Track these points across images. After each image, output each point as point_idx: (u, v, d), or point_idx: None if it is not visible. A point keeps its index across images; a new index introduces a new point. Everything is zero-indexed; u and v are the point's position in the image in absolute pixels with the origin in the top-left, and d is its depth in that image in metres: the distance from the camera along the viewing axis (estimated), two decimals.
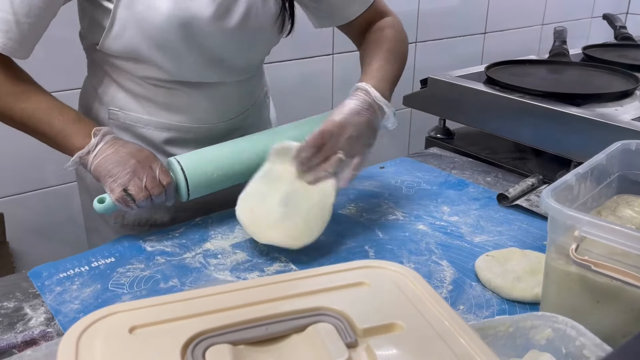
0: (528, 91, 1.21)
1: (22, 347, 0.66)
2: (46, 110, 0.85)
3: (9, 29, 0.80)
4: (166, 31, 0.84)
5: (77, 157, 0.84)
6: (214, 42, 0.89)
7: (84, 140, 0.84)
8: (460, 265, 0.84)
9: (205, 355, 0.43)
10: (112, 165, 0.83)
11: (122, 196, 0.83)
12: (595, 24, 2.71)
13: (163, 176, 0.86)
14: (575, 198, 0.70)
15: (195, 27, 0.86)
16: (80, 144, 0.84)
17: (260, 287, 0.51)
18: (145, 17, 0.84)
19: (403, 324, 0.47)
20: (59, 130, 0.85)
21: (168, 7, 0.83)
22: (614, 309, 0.61)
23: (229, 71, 0.96)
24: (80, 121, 0.87)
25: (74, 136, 0.85)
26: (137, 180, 0.83)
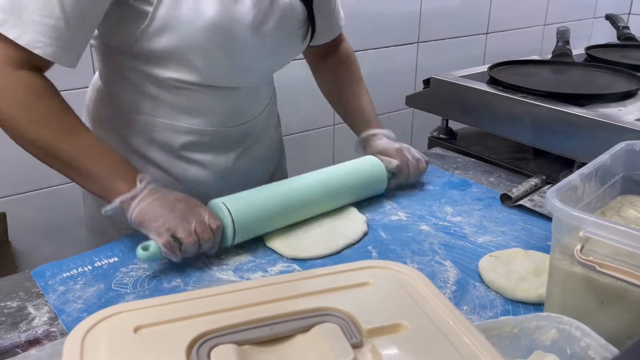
0: (531, 91, 1.21)
1: (26, 347, 0.66)
2: (93, 149, 0.82)
3: (59, 36, 0.77)
4: (207, 35, 0.84)
5: (119, 201, 0.80)
6: (250, 47, 0.90)
7: (129, 185, 0.81)
8: (463, 265, 0.84)
9: (210, 355, 0.43)
10: (158, 209, 0.80)
11: (169, 241, 0.79)
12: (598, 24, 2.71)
13: (212, 220, 0.82)
14: (580, 198, 0.70)
15: (236, 32, 0.86)
16: (124, 189, 0.81)
17: (265, 287, 0.51)
18: (189, 20, 0.83)
19: (408, 324, 0.47)
20: (103, 173, 0.82)
21: (213, 12, 0.83)
22: (619, 310, 0.61)
23: (255, 76, 0.98)
24: (125, 165, 0.84)
25: (119, 180, 0.81)
26: (186, 224, 0.80)
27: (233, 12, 0.85)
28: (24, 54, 0.77)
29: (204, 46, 0.85)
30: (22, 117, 0.78)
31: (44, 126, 0.80)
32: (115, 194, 0.81)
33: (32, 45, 0.76)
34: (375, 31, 2.01)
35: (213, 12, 0.83)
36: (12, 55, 0.77)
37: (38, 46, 0.76)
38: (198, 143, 0.97)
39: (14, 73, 0.78)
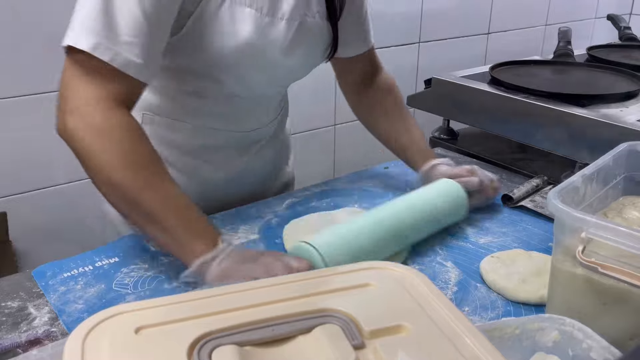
0: (532, 92, 1.21)
1: (26, 347, 0.66)
2: (177, 203, 0.75)
3: (148, 54, 0.74)
4: (240, 55, 0.84)
5: (200, 262, 0.72)
6: (278, 66, 0.91)
7: (208, 247, 0.73)
8: (465, 266, 0.83)
9: (211, 356, 0.43)
10: (240, 264, 0.73)
11: None
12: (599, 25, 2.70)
13: (298, 263, 0.71)
14: (582, 199, 0.70)
15: (268, 53, 0.87)
16: (205, 250, 0.73)
17: (266, 288, 0.51)
18: (224, 40, 0.82)
19: (410, 326, 0.47)
20: (184, 230, 0.74)
21: (248, 34, 0.83)
22: (621, 312, 0.60)
23: (277, 88, 1.00)
24: (207, 224, 0.77)
25: (199, 240, 0.74)
26: (271, 272, 0.70)
27: (268, 34, 0.85)
28: (118, 85, 0.73)
29: (235, 64, 0.86)
30: (115, 162, 0.72)
31: (136, 172, 0.73)
32: (194, 255, 0.73)
33: (126, 67, 0.73)
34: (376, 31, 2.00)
35: (248, 34, 0.83)
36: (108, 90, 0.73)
37: (131, 67, 0.73)
38: (214, 145, 0.98)
39: (114, 112, 0.73)
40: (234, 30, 0.83)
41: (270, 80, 0.96)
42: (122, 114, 0.74)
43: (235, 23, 0.83)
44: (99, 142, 0.72)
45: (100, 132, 0.72)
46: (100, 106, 0.72)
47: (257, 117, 1.01)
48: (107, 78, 0.73)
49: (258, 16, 0.84)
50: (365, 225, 0.82)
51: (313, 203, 1.03)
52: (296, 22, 0.89)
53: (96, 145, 0.72)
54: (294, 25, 0.88)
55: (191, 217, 0.76)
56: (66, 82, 0.74)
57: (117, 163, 0.72)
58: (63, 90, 0.74)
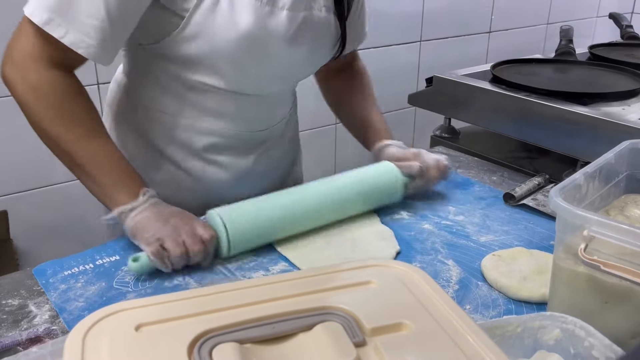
0: (534, 90, 1.20)
1: (27, 345, 0.65)
2: (107, 157, 0.83)
3: (104, 37, 0.78)
4: (240, 46, 0.84)
5: (117, 212, 0.81)
6: (281, 59, 0.91)
7: (130, 198, 0.82)
8: (466, 264, 0.83)
9: (212, 354, 0.43)
10: (152, 222, 0.80)
11: (157, 250, 0.78)
12: (601, 23, 2.70)
13: (205, 231, 0.81)
14: (583, 197, 0.70)
15: (269, 44, 0.87)
16: (125, 201, 0.81)
17: (267, 286, 0.51)
18: (223, 30, 0.83)
19: (411, 323, 0.47)
20: (109, 182, 0.83)
21: (248, 24, 0.83)
22: (623, 310, 0.60)
23: (282, 85, 0.99)
24: (133, 177, 0.84)
25: (122, 191, 0.82)
26: (175, 235, 0.79)
27: (267, 25, 0.85)
28: (61, 53, 0.78)
29: (236, 56, 0.86)
30: (49, 115, 0.80)
31: (68, 127, 0.81)
32: (116, 204, 0.82)
33: (76, 45, 0.77)
34: (378, 30, 2.01)
35: (248, 24, 0.83)
36: (49, 54, 0.78)
37: (82, 46, 0.77)
38: (220, 145, 0.97)
39: (49, 72, 0.79)
40: (233, 20, 0.83)
41: (274, 75, 0.94)
42: (57, 74, 0.80)
43: (235, 13, 0.83)
44: (33, 96, 0.80)
45: (34, 88, 0.79)
46: (38, 64, 0.79)
47: (264, 117, 1.00)
48: (50, 45, 0.78)
49: (258, 5, 0.84)
50: (277, 199, 0.88)
51: None
52: (300, 14, 0.88)
53: (31, 100, 0.80)
54: (298, 16, 0.88)
55: (118, 170, 0.83)
56: (17, 35, 0.80)
57: (52, 117, 0.80)
58: (11, 41, 0.81)
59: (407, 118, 2.20)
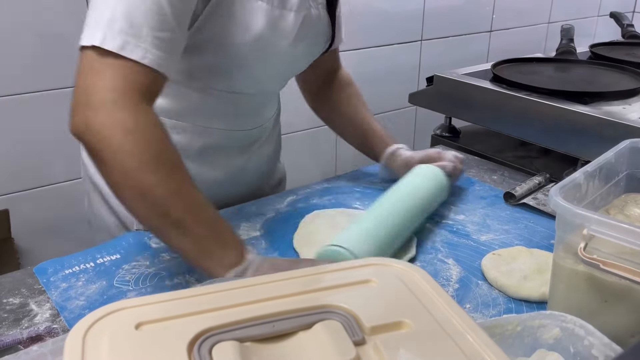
0: (535, 89, 1.20)
1: (28, 343, 0.66)
2: (204, 210, 0.71)
3: (175, 48, 0.72)
4: (253, 49, 0.85)
5: (233, 273, 0.69)
6: (285, 59, 0.92)
7: (238, 256, 0.70)
8: (466, 263, 0.83)
9: (212, 352, 0.43)
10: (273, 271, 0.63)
11: None
12: (602, 22, 2.70)
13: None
14: (584, 196, 0.70)
15: (277, 46, 0.87)
16: (234, 261, 0.70)
17: (267, 284, 0.51)
18: (236, 35, 0.82)
19: (411, 322, 0.47)
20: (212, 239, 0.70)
21: (260, 28, 0.83)
22: (623, 309, 0.60)
23: (279, 82, 1.00)
24: (232, 234, 0.73)
25: (230, 249, 0.70)
26: None
27: (278, 26, 0.86)
28: (145, 79, 0.69)
29: (245, 58, 0.86)
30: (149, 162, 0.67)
31: (167, 177, 0.68)
32: (226, 265, 0.69)
33: (157, 64, 0.69)
34: (379, 29, 2.01)
35: (261, 28, 0.83)
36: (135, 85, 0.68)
37: (162, 63, 0.70)
38: (216, 145, 0.97)
39: (140, 108, 0.68)
40: (246, 24, 0.83)
41: (275, 74, 0.96)
42: (150, 110, 0.70)
43: (248, 17, 0.83)
44: (131, 142, 0.66)
45: (129, 131, 0.66)
46: (129, 102, 0.67)
47: (260, 114, 1.01)
48: (134, 72, 0.68)
49: (269, 9, 0.84)
50: (381, 216, 0.84)
51: (314, 200, 1.03)
52: (302, 14, 0.89)
53: (127, 146, 0.66)
54: (300, 16, 0.89)
55: (220, 227, 0.72)
56: (85, 75, 0.68)
57: (151, 164, 0.66)
58: (82, 82, 0.68)
59: (407, 117, 2.20)
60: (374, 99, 2.09)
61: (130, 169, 0.66)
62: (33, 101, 1.42)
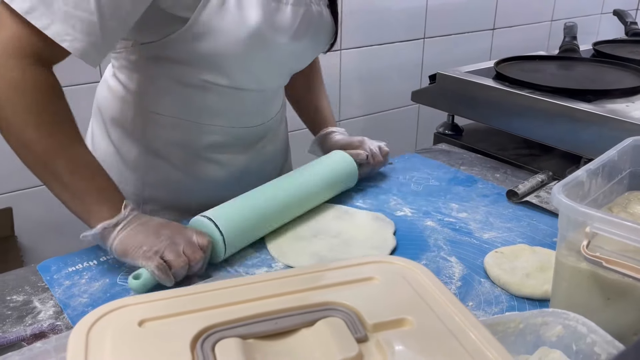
0: (538, 87, 1.20)
1: (31, 340, 0.66)
2: (88, 167, 0.77)
3: (91, 31, 0.71)
4: (248, 43, 0.84)
5: (100, 227, 0.75)
6: (285, 55, 0.92)
7: (112, 211, 0.76)
8: (469, 261, 0.83)
9: (214, 349, 0.43)
10: (143, 236, 0.75)
11: (161, 263, 0.73)
12: (605, 20, 2.69)
13: (201, 238, 0.77)
14: (586, 194, 0.70)
15: (275, 41, 0.87)
16: (108, 215, 0.75)
17: (269, 282, 0.51)
18: (232, 28, 0.82)
19: (413, 319, 0.47)
20: (91, 194, 0.76)
21: (256, 21, 0.83)
22: (625, 306, 0.60)
23: (281, 79, 1.00)
24: (114, 190, 0.79)
25: (104, 204, 0.76)
26: (174, 245, 0.75)
27: (275, 21, 0.86)
28: (45, 47, 0.71)
29: (243, 53, 0.85)
30: (29, 118, 0.72)
31: (50, 133, 0.73)
32: (98, 219, 0.76)
33: (59, 38, 0.70)
34: (382, 27, 2.01)
35: (256, 21, 0.83)
36: (32, 48, 0.71)
37: (66, 39, 0.71)
38: (220, 143, 0.97)
39: (32, 68, 0.71)
40: (241, 18, 0.83)
41: (276, 70, 0.96)
42: (41, 71, 0.72)
43: (243, 10, 0.83)
44: (14, 97, 0.71)
45: (16, 87, 0.71)
46: (21, 61, 0.70)
47: (263, 111, 1.01)
48: (36, 38, 0.70)
49: (265, 2, 0.84)
50: (260, 197, 0.88)
51: None
52: (302, 9, 0.89)
53: (11, 99, 0.71)
54: (300, 11, 0.89)
55: (100, 181, 0.78)
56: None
57: (32, 121, 0.72)
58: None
59: (410, 115, 2.20)
60: (377, 97, 2.11)
61: (13, 123, 0.72)
62: None
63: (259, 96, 0.97)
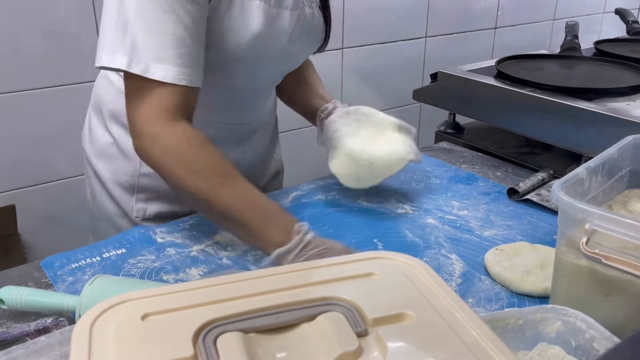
0: (539, 86, 1.21)
1: (35, 335, 0.66)
2: (249, 199, 0.80)
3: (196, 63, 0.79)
4: (250, 48, 0.85)
5: (275, 255, 0.77)
6: (281, 56, 0.93)
7: (285, 236, 0.77)
8: (469, 258, 0.84)
9: (216, 343, 0.43)
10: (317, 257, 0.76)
11: None
12: (607, 19, 2.69)
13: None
14: (586, 192, 0.70)
15: (275, 44, 0.88)
16: (280, 240, 0.77)
17: (271, 277, 0.51)
18: (235, 34, 0.83)
19: (413, 314, 0.47)
20: (259, 224, 0.79)
21: (258, 27, 0.84)
22: (624, 303, 0.61)
23: (275, 79, 1.01)
24: (280, 214, 0.81)
25: (274, 230, 0.78)
26: None
27: (276, 25, 0.87)
28: (174, 96, 0.78)
29: (244, 57, 0.87)
30: (182, 172, 0.79)
31: (203, 179, 0.79)
32: (270, 245, 0.78)
33: (178, 79, 0.77)
34: (383, 25, 2.01)
35: (259, 27, 0.84)
36: (164, 104, 0.78)
37: (184, 77, 0.77)
38: (213, 137, 0.97)
39: (171, 125, 0.78)
40: (245, 24, 0.84)
41: (274, 70, 0.97)
42: (181, 126, 0.79)
43: (246, 17, 0.84)
44: (168, 159, 0.79)
45: (167, 150, 0.78)
46: (162, 124, 0.78)
47: (257, 108, 1.02)
48: (162, 94, 0.77)
49: (267, 8, 0.85)
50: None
51: (319, 196, 1.04)
52: (297, 12, 0.90)
53: (167, 162, 0.79)
54: (295, 14, 0.90)
55: (263, 209, 0.80)
56: (127, 104, 0.80)
57: (186, 174, 0.79)
58: (128, 112, 0.80)
59: (412, 114, 2.20)
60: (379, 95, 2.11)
61: (175, 179, 0.79)
62: (39, 97, 1.43)
63: (253, 94, 0.99)
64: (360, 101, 2.18)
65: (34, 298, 0.70)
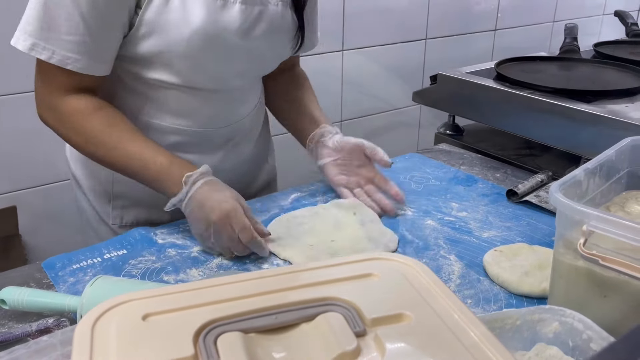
0: (538, 88, 1.21)
1: (37, 336, 0.67)
2: (140, 157, 0.87)
3: (87, 49, 0.82)
4: (193, 42, 0.85)
5: (171, 204, 0.86)
6: (236, 54, 0.91)
7: (176, 188, 0.85)
8: (468, 260, 0.84)
9: (216, 343, 0.44)
10: (197, 223, 0.85)
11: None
12: (607, 21, 2.70)
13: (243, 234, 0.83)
14: (584, 193, 0.70)
15: (222, 39, 0.87)
16: (174, 191, 0.86)
17: (270, 278, 0.52)
18: (176, 27, 0.83)
19: (412, 315, 0.48)
20: (154, 179, 0.87)
21: (200, 19, 0.84)
22: (621, 303, 0.61)
23: (241, 80, 0.98)
24: (172, 166, 0.87)
25: (168, 183, 0.86)
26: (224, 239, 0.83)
27: (220, 19, 0.86)
28: (69, 77, 0.84)
29: (190, 52, 0.86)
30: (80, 140, 0.88)
31: (95, 146, 0.88)
32: (170, 195, 0.86)
33: (64, 62, 0.82)
34: (383, 28, 2.02)
35: (200, 19, 0.84)
36: (61, 82, 0.85)
37: (69, 62, 0.82)
38: (184, 143, 0.97)
39: (63, 99, 0.86)
40: (186, 16, 0.83)
41: (232, 70, 0.94)
42: (75, 98, 0.87)
43: (187, 9, 0.83)
44: (62, 128, 0.89)
45: (62, 120, 0.88)
46: (55, 95, 0.86)
47: (226, 113, 0.99)
48: (55, 72, 0.84)
49: (210, 1, 0.84)
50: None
51: (318, 197, 1.04)
52: (256, 8, 0.89)
53: (61, 130, 0.89)
54: (252, 10, 0.89)
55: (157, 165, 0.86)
56: (35, 77, 0.88)
57: (82, 141, 0.89)
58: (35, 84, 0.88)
59: (411, 116, 2.21)
60: (379, 98, 2.12)
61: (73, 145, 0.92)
62: None
63: (221, 98, 0.96)
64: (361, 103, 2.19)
65: (36, 299, 0.71)
